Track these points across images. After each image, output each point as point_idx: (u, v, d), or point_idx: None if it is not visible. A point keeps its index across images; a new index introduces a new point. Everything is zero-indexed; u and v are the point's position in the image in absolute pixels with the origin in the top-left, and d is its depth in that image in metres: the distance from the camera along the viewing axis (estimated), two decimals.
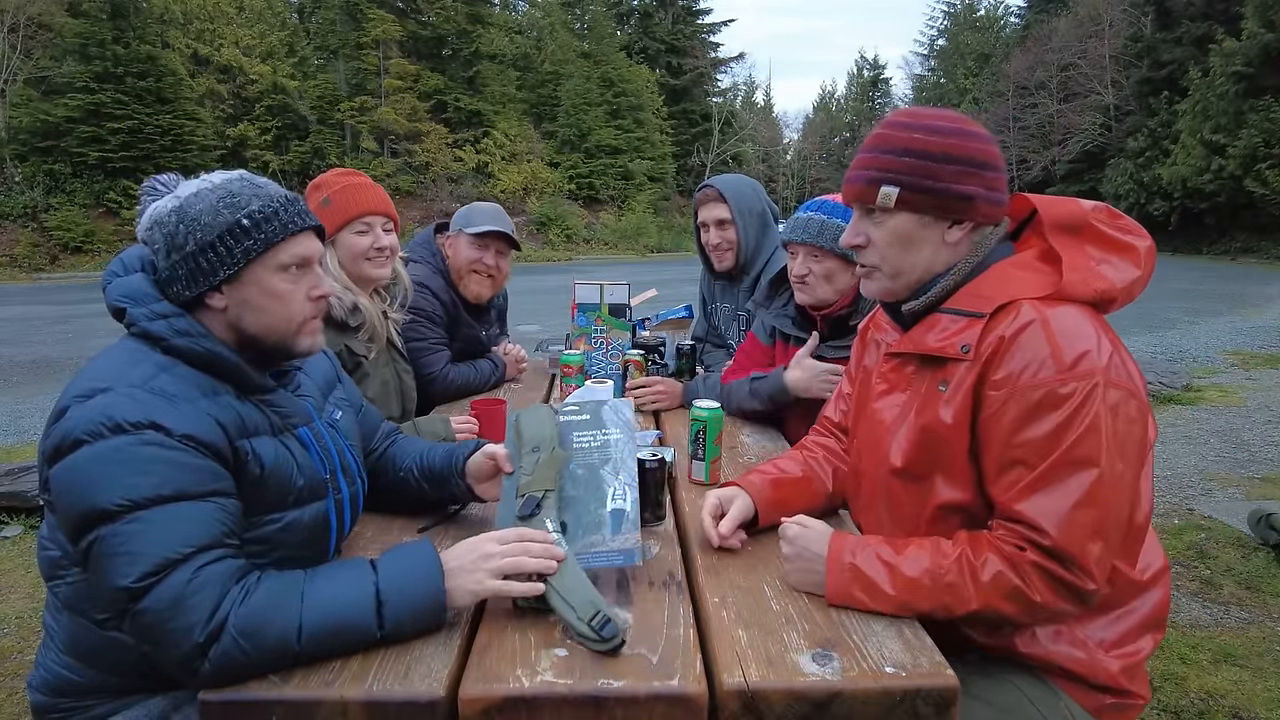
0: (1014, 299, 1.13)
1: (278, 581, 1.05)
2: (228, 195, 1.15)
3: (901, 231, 1.22)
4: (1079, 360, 1.06)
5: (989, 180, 1.20)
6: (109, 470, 1.00)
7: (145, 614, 0.97)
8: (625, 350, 2.43)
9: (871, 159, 1.23)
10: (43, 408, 6.11)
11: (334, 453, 1.31)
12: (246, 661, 0.98)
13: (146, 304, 1.14)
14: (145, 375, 1.08)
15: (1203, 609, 2.79)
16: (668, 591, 1.19)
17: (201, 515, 1.04)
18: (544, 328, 9.31)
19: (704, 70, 39.75)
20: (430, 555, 1.10)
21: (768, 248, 2.43)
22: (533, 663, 1.00)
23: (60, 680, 1.18)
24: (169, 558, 0.98)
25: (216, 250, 1.13)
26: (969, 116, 1.26)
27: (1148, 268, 1.19)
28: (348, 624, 1.02)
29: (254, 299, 1.17)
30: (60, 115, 20.45)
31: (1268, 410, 5.61)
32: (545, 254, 26.94)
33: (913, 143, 1.19)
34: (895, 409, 1.27)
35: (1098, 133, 29.76)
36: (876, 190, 1.21)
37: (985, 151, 1.20)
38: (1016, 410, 1.09)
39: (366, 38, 26.99)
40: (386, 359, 2.17)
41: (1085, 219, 1.19)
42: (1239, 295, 13.38)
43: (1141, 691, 1.20)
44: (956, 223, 1.21)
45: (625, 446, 1.28)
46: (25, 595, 2.94)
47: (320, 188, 2.08)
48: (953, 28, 46.45)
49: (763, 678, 0.98)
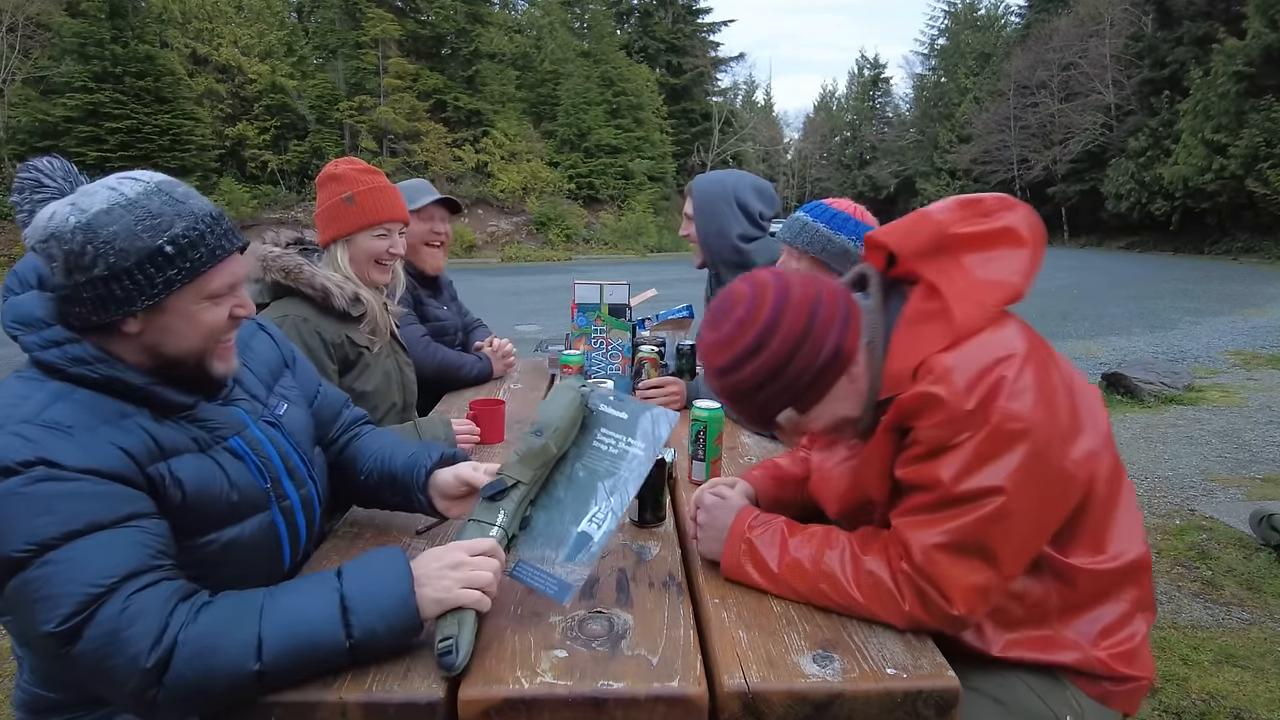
0: (920, 361, 1.08)
1: (234, 599, 0.98)
2: (147, 215, 1.01)
3: (823, 416, 1.16)
4: (975, 411, 1.02)
5: (827, 319, 1.10)
6: (7, 515, 0.91)
7: (83, 656, 0.89)
8: (626, 350, 2.42)
9: (743, 409, 1.18)
10: None
11: (275, 458, 1.22)
12: (204, 684, 0.90)
13: (38, 330, 1.03)
14: (37, 407, 0.98)
15: (1204, 610, 2.79)
16: (668, 592, 1.19)
17: (120, 542, 0.95)
18: (544, 328, 9.31)
19: (704, 69, 39.80)
20: (398, 560, 1.03)
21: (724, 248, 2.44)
22: (532, 664, 1.00)
23: (37, 699, 1.16)
24: (91, 593, 0.90)
25: (134, 278, 1.00)
26: (741, 284, 1.15)
27: (1033, 237, 1.12)
28: (312, 634, 0.95)
29: (175, 325, 1.06)
30: (59, 115, 20.49)
31: (1269, 410, 5.61)
32: (545, 254, 26.96)
33: (757, 374, 1.11)
34: (840, 464, 1.28)
35: (1099, 132, 29.79)
36: (767, 426, 1.18)
37: (798, 310, 1.09)
38: (918, 452, 1.08)
39: (365, 37, 27.03)
40: (388, 350, 2.17)
41: (945, 234, 1.12)
42: (1240, 295, 13.38)
43: (1143, 673, 1.19)
44: (847, 367, 1.13)
45: (638, 467, 1.17)
46: None
47: (340, 181, 2.03)
48: (953, 27, 46.46)
49: (763, 679, 0.97)
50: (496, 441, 1.98)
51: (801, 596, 1.14)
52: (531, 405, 2.37)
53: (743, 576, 1.18)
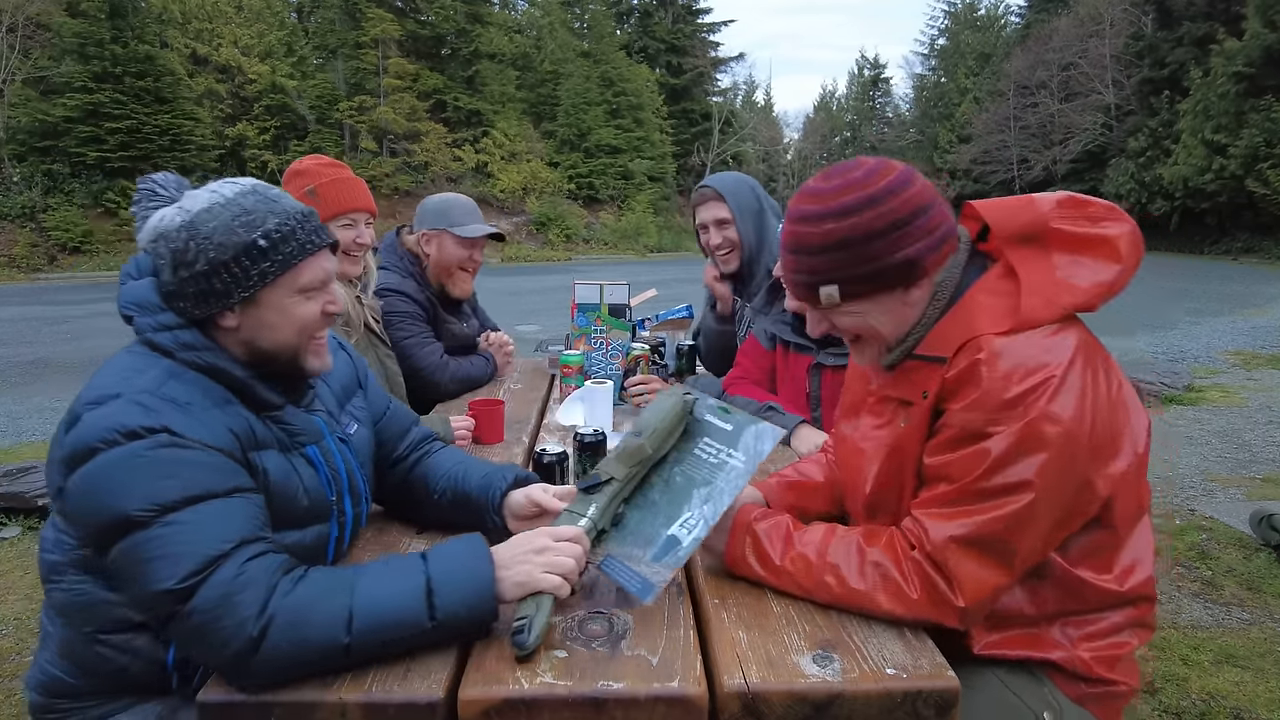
0: (974, 336, 1.08)
1: (327, 574, 1.03)
2: (243, 212, 1.09)
3: (859, 315, 1.16)
4: (1014, 401, 1.02)
5: (923, 228, 1.10)
6: (129, 477, 0.98)
7: (194, 614, 0.94)
8: (626, 350, 2.42)
9: (795, 261, 1.16)
10: (41, 408, 6.11)
11: (343, 473, 1.27)
12: (296, 655, 0.95)
13: (153, 314, 1.11)
14: (155, 381, 1.06)
15: (1204, 610, 2.79)
16: (668, 592, 1.19)
17: (234, 510, 1.02)
18: (544, 328, 9.30)
19: (704, 70, 39.77)
20: (480, 546, 1.08)
21: (770, 244, 2.41)
22: (532, 664, 1.00)
23: (56, 681, 1.18)
24: (212, 554, 0.96)
25: (230, 271, 1.08)
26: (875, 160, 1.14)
27: (1130, 258, 1.09)
28: (398, 612, 0.99)
29: (269, 319, 1.13)
30: (58, 115, 20.45)
31: (1269, 410, 5.61)
32: (545, 254, 26.94)
33: (829, 235, 1.10)
34: (871, 441, 1.27)
35: (1099, 132, 29.77)
36: (816, 293, 1.15)
37: (906, 203, 1.10)
38: (947, 438, 1.08)
39: (365, 37, 26.99)
40: (366, 344, 2.18)
41: (1044, 225, 1.11)
42: (1240, 295, 13.38)
43: (1127, 680, 1.18)
44: (911, 284, 1.13)
45: (736, 479, 1.17)
46: (23, 596, 2.94)
47: (304, 175, 2.06)
48: (953, 27, 46.44)
49: (763, 679, 0.97)
50: (495, 441, 1.98)
51: (804, 590, 1.14)
52: (531, 405, 2.37)
53: (745, 569, 1.18)
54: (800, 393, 2.06)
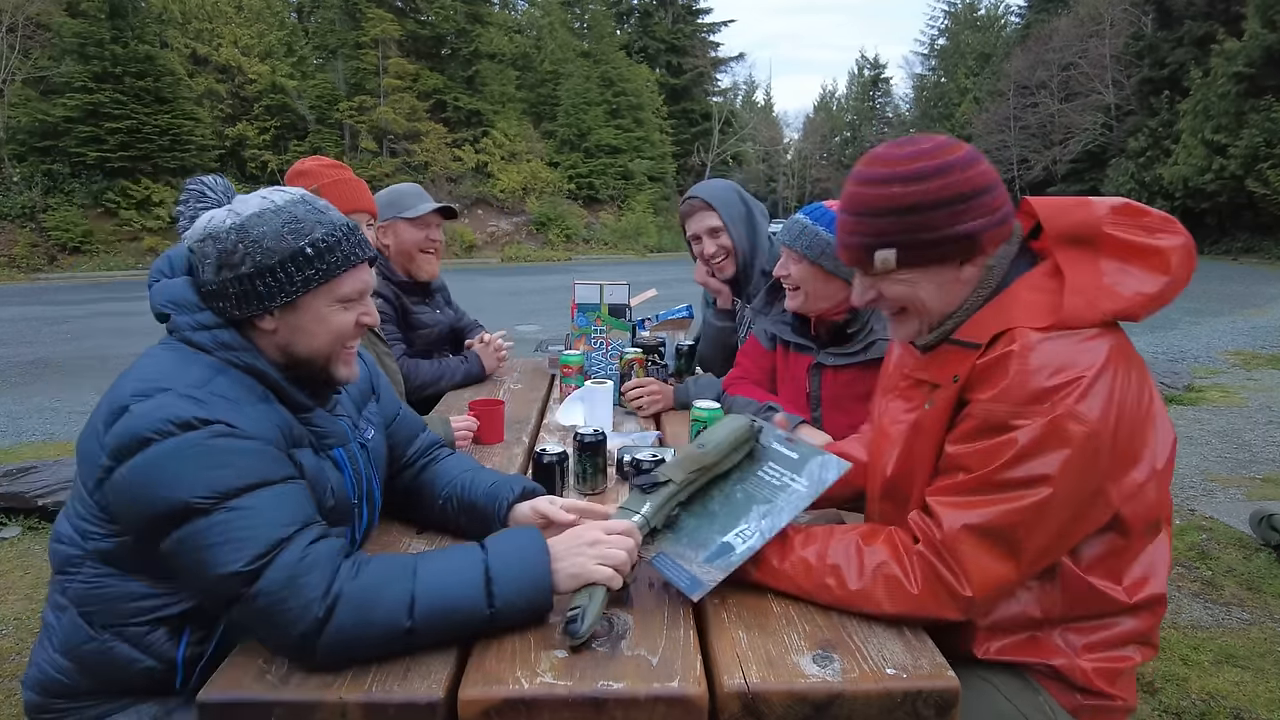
0: (1011, 327, 1.09)
1: (388, 560, 1.06)
2: (292, 220, 1.12)
3: (910, 285, 1.16)
4: (1041, 394, 1.02)
5: (987, 207, 1.11)
6: (185, 466, 0.99)
7: (260, 596, 0.96)
8: (626, 350, 2.42)
9: (855, 223, 1.16)
10: (41, 408, 6.11)
11: (364, 478, 1.29)
12: (361, 636, 0.97)
13: (191, 313, 1.13)
14: (202, 378, 1.08)
15: (1204, 610, 2.79)
16: (668, 592, 1.19)
17: (291, 496, 1.05)
18: (544, 328, 9.31)
19: (704, 70, 39.81)
20: (537, 538, 1.12)
21: (762, 245, 2.41)
22: (532, 664, 1.00)
23: (53, 681, 1.17)
24: (277, 537, 0.99)
25: (276, 276, 1.11)
26: (944, 136, 1.16)
27: (1180, 270, 1.08)
28: (459, 599, 1.02)
29: (307, 325, 1.15)
30: (58, 115, 20.48)
31: (1269, 410, 5.61)
32: (544, 254, 26.96)
33: (894, 199, 1.10)
34: (899, 425, 1.27)
35: (1099, 132, 29.78)
36: (872, 256, 1.15)
37: (973, 179, 1.10)
38: (969, 428, 1.09)
39: (365, 37, 27.01)
40: (367, 343, 2.18)
41: (1097, 228, 1.09)
42: (1240, 295, 13.38)
43: (1124, 696, 1.17)
44: (966, 261, 1.14)
45: (797, 501, 1.19)
46: (23, 597, 2.93)
47: (307, 176, 2.08)
48: (953, 27, 46.48)
49: (763, 679, 0.97)
50: (495, 441, 1.98)
51: (805, 593, 1.14)
52: (531, 405, 2.37)
53: (744, 573, 1.18)
54: (800, 393, 2.06)
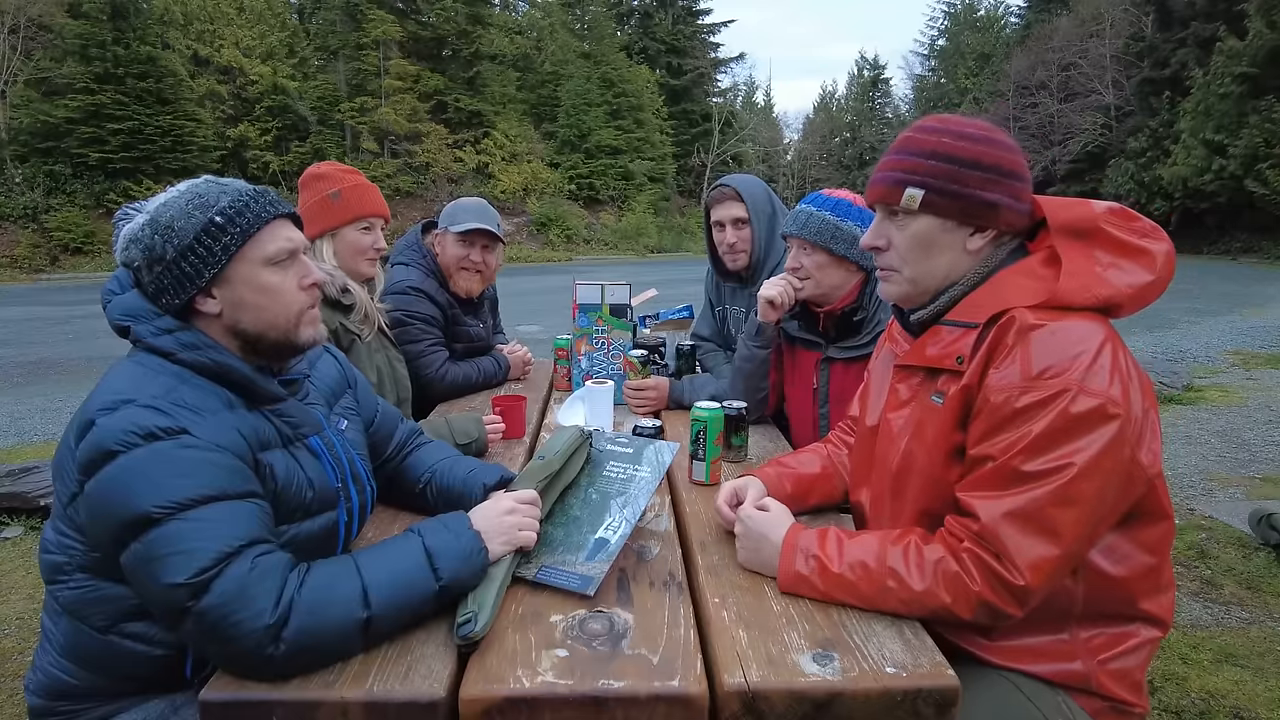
0: (1007, 307, 1.13)
1: (328, 562, 1.08)
2: (196, 196, 1.14)
3: (924, 235, 1.21)
4: (1047, 371, 1.06)
5: (1014, 189, 1.19)
6: (147, 476, 1.00)
7: (209, 610, 0.96)
8: (627, 350, 2.43)
9: (897, 160, 1.23)
10: (43, 409, 6.12)
11: (344, 460, 1.31)
12: (318, 636, 0.98)
13: (149, 320, 1.14)
14: (166, 388, 1.08)
15: (1204, 609, 2.79)
16: (668, 592, 1.19)
17: (246, 513, 1.05)
18: (544, 328, 9.32)
19: (704, 70, 39.76)
20: (460, 514, 1.20)
21: (777, 249, 2.42)
22: (533, 663, 1.00)
23: (57, 683, 1.18)
24: (224, 551, 0.99)
25: (196, 252, 1.12)
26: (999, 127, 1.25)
27: (1164, 272, 1.16)
28: (408, 579, 1.06)
29: (246, 297, 1.16)
30: (60, 116, 20.48)
31: (1269, 410, 5.61)
32: (545, 254, 26.95)
33: (940, 146, 1.19)
34: (903, 420, 1.28)
35: (1099, 133, 29.73)
36: (901, 191, 1.21)
37: (1012, 161, 1.20)
38: (985, 417, 1.11)
39: (366, 38, 27.00)
40: (378, 345, 2.23)
41: (1094, 223, 1.17)
42: (1240, 295, 13.38)
43: (1139, 703, 1.20)
44: (979, 230, 1.20)
45: (646, 486, 1.35)
46: (26, 596, 2.94)
47: (324, 179, 2.13)
48: (953, 28, 46.41)
49: (763, 678, 0.97)
50: (518, 436, 2.05)
51: (865, 599, 1.14)
52: (532, 405, 2.38)
53: (801, 586, 1.17)
54: (808, 389, 2.07)
